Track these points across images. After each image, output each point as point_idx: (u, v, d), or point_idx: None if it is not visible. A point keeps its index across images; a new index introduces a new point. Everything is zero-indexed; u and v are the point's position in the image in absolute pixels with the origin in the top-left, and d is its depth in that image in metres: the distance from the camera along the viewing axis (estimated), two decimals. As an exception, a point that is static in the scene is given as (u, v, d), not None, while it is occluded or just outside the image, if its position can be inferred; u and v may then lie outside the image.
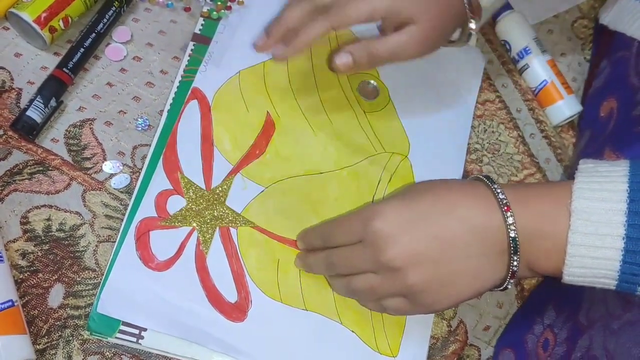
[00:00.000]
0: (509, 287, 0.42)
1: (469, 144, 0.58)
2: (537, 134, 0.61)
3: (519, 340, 0.52)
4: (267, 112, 0.54)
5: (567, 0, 0.68)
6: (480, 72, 0.61)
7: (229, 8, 0.56)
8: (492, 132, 0.59)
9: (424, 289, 0.42)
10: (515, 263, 0.41)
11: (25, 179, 0.49)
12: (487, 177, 0.43)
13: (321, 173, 0.53)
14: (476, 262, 0.41)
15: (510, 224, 0.41)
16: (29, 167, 0.50)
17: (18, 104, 0.51)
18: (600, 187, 0.39)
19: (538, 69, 0.62)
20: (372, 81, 0.58)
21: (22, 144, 0.50)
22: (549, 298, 0.53)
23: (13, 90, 0.52)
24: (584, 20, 0.68)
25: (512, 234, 0.41)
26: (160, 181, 0.50)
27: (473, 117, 0.59)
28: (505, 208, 0.41)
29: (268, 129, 0.53)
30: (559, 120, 0.61)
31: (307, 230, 0.49)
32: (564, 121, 0.61)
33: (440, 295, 0.42)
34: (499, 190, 0.42)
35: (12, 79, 0.52)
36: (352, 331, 0.49)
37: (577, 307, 0.49)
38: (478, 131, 0.59)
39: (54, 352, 0.45)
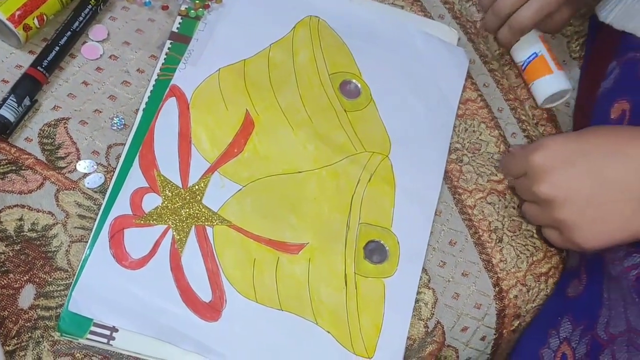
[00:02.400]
0: None
1: (449, 143, 0.57)
2: (518, 133, 0.60)
3: (535, 355, 0.50)
4: (247, 110, 0.53)
5: None
6: (463, 72, 0.61)
7: (207, 6, 0.56)
8: (473, 131, 0.58)
9: (574, 225, 0.44)
10: None
11: (-2, 178, 0.48)
12: None
13: (300, 172, 0.52)
14: (637, 204, 0.41)
15: None
16: (1, 167, 0.49)
17: (-8, 103, 0.51)
18: None
19: (528, 41, 0.60)
20: (354, 80, 0.57)
21: (-5, 142, 0.49)
22: (563, 309, 0.51)
23: (-13, 89, 0.51)
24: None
25: None
26: (136, 179, 0.49)
27: (455, 117, 0.59)
28: None
29: (247, 127, 0.53)
30: (546, 95, 0.59)
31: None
32: (551, 98, 0.59)
33: (590, 233, 0.43)
34: None
35: (-14, 78, 0.51)
36: (328, 332, 0.48)
37: (594, 320, 0.48)
38: (459, 130, 0.58)
39: (23, 353, 0.44)
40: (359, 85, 0.57)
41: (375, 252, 0.51)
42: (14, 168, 0.49)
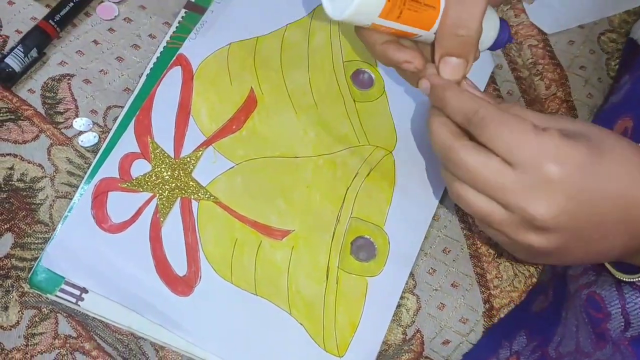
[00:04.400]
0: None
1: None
2: (538, 146, 0.57)
3: None
4: (251, 87, 0.52)
5: (595, 12, 0.64)
6: (486, 76, 0.58)
7: (228, -21, 0.55)
8: (486, 137, 0.55)
9: (555, 253, 0.38)
10: None
11: (-4, 125, 0.49)
12: None
13: (297, 157, 0.51)
14: (627, 239, 0.37)
15: None
16: (1, 114, 0.49)
17: (2, 52, 0.51)
18: None
19: None
20: (368, 70, 0.55)
21: (-1, 90, 0.50)
22: (521, 324, 0.49)
23: (0, 37, 0.51)
24: (613, 34, 0.63)
25: None
26: (128, 143, 0.48)
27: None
28: None
29: (249, 105, 0.52)
30: None
31: None
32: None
33: (571, 259, 0.39)
34: None
35: (0, 26, 0.52)
36: (301, 324, 0.46)
37: (549, 338, 0.46)
38: (471, 135, 0.55)
39: (-8, 300, 0.44)
40: (373, 76, 0.55)
41: (363, 249, 0.49)
42: (12, 117, 0.49)
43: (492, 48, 0.45)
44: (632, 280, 0.39)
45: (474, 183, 0.38)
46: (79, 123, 0.50)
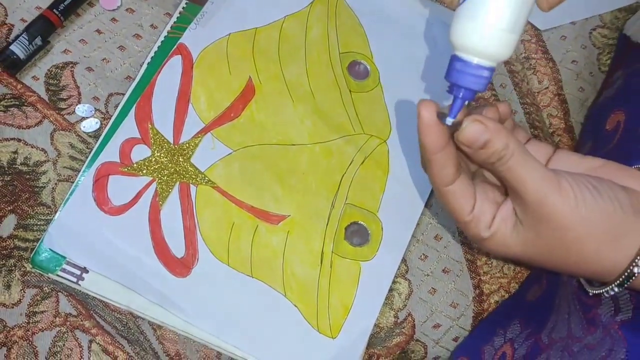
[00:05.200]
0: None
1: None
2: (529, 138, 0.58)
3: (477, 350, 0.49)
4: (250, 77, 0.53)
5: (587, 9, 0.65)
6: (480, 68, 0.59)
7: (228, -29, 0.56)
8: (479, 127, 0.57)
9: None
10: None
11: (1, 110, 0.50)
12: None
13: (293, 145, 0.52)
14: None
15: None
16: (5, 100, 0.50)
17: (7, 39, 0.52)
18: None
19: None
20: (364, 62, 0.57)
21: (4, 77, 0.51)
22: (515, 313, 0.50)
23: (5, 26, 0.53)
24: (605, 30, 0.65)
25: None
26: (129, 128, 0.50)
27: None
28: None
29: (247, 93, 0.53)
30: None
31: None
32: None
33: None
34: None
35: (6, 15, 0.53)
36: (295, 305, 0.48)
37: (543, 324, 0.47)
38: (464, 125, 0.56)
39: (-5, 279, 0.46)
40: (369, 67, 0.56)
41: (357, 234, 0.51)
42: (17, 103, 0.50)
43: None
44: (596, 292, 0.41)
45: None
46: (82, 109, 0.51)
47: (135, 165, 0.49)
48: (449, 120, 0.39)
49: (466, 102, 0.40)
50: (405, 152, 0.54)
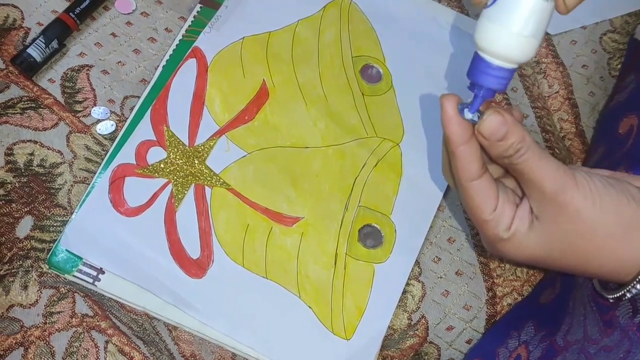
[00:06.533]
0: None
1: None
2: (540, 142, 0.58)
3: (491, 353, 0.50)
4: (264, 80, 0.54)
5: (597, 13, 0.66)
6: (491, 72, 0.59)
7: (242, -24, 0.57)
8: (491, 131, 0.57)
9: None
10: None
11: (17, 113, 0.50)
12: None
13: (306, 147, 0.53)
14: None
15: None
16: (22, 102, 0.51)
17: (24, 43, 0.53)
18: None
19: None
20: (376, 65, 0.57)
21: (21, 80, 0.51)
22: (530, 314, 0.50)
23: (22, 29, 0.53)
24: (615, 35, 0.65)
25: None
26: (145, 131, 0.50)
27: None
28: None
29: (261, 96, 0.53)
30: None
31: None
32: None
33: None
34: None
35: (23, 18, 0.54)
36: (309, 307, 0.48)
37: (557, 327, 0.47)
38: (476, 128, 0.57)
39: (12, 279, 0.46)
40: (381, 71, 0.57)
41: (370, 236, 0.51)
42: (33, 105, 0.51)
43: None
44: (616, 295, 0.41)
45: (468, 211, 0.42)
46: (97, 112, 0.51)
47: (151, 167, 0.49)
48: (468, 114, 0.39)
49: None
50: (418, 155, 0.54)
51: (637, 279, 0.39)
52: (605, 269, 0.40)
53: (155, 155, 0.50)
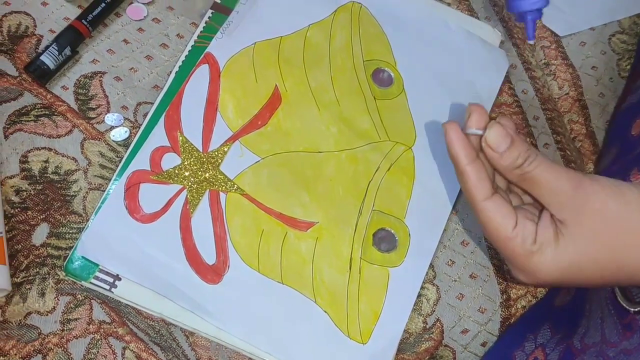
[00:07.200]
0: None
1: (476, 143, 0.56)
2: (552, 144, 0.59)
3: (508, 356, 0.50)
4: (276, 85, 0.54)
5: (606, 15, 0.66)
6: (502, 75, 0.60)
7: (252, -19, 0.57)
8: (503, 134, 0.57)
9: None
10: None
11: (31, 120, 0.51)
12: None
13: (320, 152, 0.53)
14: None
15: None
16: (36, 110, 0.51)
17: (37, 50, 0.53)
18: None
19: None
20: (387, 69, 0.57)
21: (34, 87, 0.52)
22: (546, 316, 0.51)
23: (34, 37, 0.53)
24: (624, 36, 0.65)
25: None
26: (159, 137, 0.50)
27: (487, 119, 0.57)
28: None
29: (274, 101, 0.53)
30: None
31: None
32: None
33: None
34: None
35: (35, 26, 0.54)
36: (325, 311, 0.48)
37: (574, 330, 0.47)
38: (488, 131, 0.57)
39: (29, 286, 0.46)
40: (393, 74, 0.57)
41: (385, 240, 0.51)
42: (47, 113, 0.51)
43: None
44: (634, 310, 0.41)
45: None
46: (111, 118, 0.51)
47: (165, 173, 0.49)
48: (471, 130, 0.40)
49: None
50: (431, 159, 0.54)
51: None
52: (634, 267, 0.40)
53: (170, 161, 0.50)
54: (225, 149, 0.51)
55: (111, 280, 0.46)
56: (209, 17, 0.55)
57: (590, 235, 0.39)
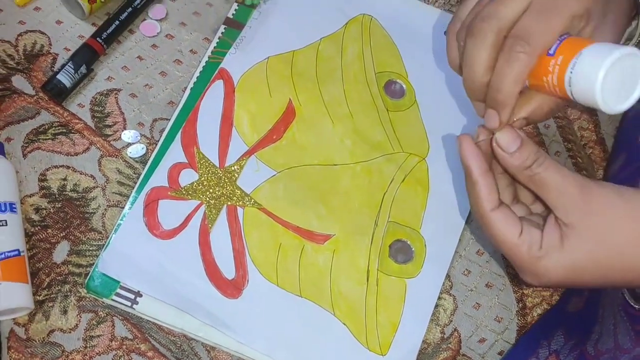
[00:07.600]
0: None
1: (489, 152, 0.56)
2: (563, 152, 0.59)
3: None
4: (290, 99, 0.54)
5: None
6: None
7: (264, -4, 0.57)
8: (515, 143, 0.58)
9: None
10: None
11: (49, 138, 0.51)
12: None
13: (335, 165, 0.53)
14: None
15: None
16: (53, 128, 0.51)
17: (52, 68, 0.53)
18: None
19: None
20: (399, 81, 0.58)
21: (51, 105, 0.52)
22: (559, 323, 0.51)
23: (50, 55, 0.54)
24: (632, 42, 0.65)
25: None
26: (176, 153, 0.51)
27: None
28: None
29: (288, 115, 0.54)
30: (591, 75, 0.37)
31: None
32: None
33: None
34: None
35: (50, 44, 0.54)
36: (344, 324, 0.48)
37: (587, 336, 0.47)
38: (500, 141, 0.57)
39: (51, 304, 0.46)
40: (404, 86, 0.57)
41: (401, 251, 0.51)
42: (64, 131, 0.51)
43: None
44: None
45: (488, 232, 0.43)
46: (128, 135, 0.52)
47: (183, 189, 0.50)
48: (482, 138, 0.43)
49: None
50: (444, 169, 0.55)
51: None
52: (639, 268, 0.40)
53: (187, 177, 0.50)
54: (242, 164, 0.51)
55: (132, 296, 0.47)
56: (222, 33, 0.56)
57: (596, 237, 0.40)
